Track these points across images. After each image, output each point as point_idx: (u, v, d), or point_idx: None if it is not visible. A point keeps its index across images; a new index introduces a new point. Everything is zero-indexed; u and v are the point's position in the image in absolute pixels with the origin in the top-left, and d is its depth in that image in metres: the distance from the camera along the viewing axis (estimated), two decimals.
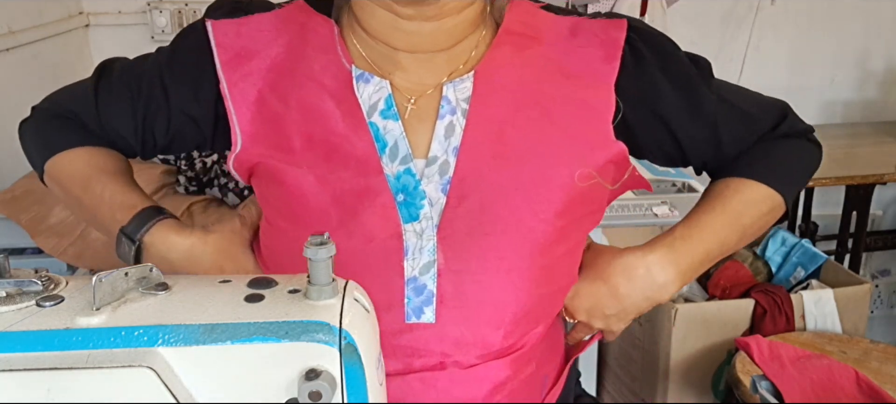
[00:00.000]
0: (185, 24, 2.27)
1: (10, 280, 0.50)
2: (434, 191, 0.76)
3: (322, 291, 0.50)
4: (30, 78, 1.96)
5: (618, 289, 0.84)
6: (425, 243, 0.75)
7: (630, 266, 0.85)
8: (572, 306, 0.86)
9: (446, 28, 0.78)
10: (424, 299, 0.75)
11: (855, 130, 2.66)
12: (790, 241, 2.25)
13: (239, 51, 0.81)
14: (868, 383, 1.58)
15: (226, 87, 0.80)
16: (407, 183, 0.76)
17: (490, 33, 0.83)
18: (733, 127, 0.86)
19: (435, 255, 0.75)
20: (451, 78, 0.79)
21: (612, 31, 0.82)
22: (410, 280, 0.75)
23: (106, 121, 0.87)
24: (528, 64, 0.80)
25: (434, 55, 0.79)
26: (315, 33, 0.81)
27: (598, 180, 0.79)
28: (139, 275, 0.52)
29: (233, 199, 1.68)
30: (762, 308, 1.91)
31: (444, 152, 0.77)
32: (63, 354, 0.46)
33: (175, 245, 0.81)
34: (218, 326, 0.48)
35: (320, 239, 0.51)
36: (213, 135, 0.86)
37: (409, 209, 0.76)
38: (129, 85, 0.86)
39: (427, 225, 0.76)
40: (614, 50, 0.81)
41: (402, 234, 0.75)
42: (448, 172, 0.76)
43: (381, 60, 0.80)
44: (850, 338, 1.86)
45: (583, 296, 0.85)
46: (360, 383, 0.49)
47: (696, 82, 0.85)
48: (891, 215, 2.91)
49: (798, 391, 1.58)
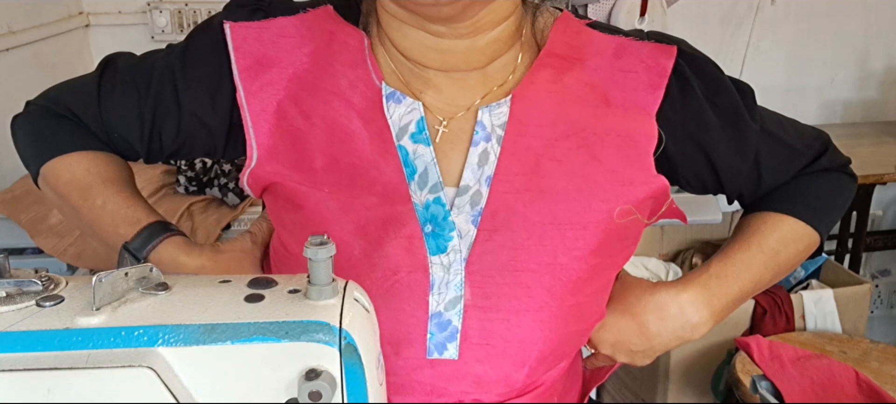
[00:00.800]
0: (185, 25, 2.28)
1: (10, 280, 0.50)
2: (464, 222, 0.71)
3: (322, 291, 0.50)
4: (30, 78, 1.96)
5: (647, 327, 0.81)
6: (452, 277, 0.71)
7: (662, 304, 0.81)
8: (597, 338, 0.82)
9: (480, 45, 0.73)
10: (448, 335, 0.72)
11: (855, 130, 2.66)
12: None
13: (259, 57, 0.74)
14: (868, 383, 1.59)
15: (243, 97, 0.74)
16: (436, 213, 0.72)
17: (529, 54, 0.77)
18: (775, 161, 0.83)
19: (462, 291, 0.71)
20: (487, 101, 0.74)
21: (660, 59, 0.77)
22: (435, 315, 0.71)
23: (109, 121, 0.79)
24: (568, 90, 0.75)
25: (468, 75, 0.74)
26: (344, 45, 0.75)
27: (636, 216, 0.74)
28: (139, 275, 0.52)
29: (232, 199, 1.68)
30: (762, 308, 1.91)
31: (477, 182, 0.72)
32: (63, 354, 0.46)
33: (183, 266, 0.76)
34: (218, 326, 0.48)
35: (320, 239, 0.50)
36: (225, 144, 0.80)
37: (437, 241, 0.71)
38: (137, 83, 0.79)
39: (455, 258, 0.71)
40: (660, 78, 0.76)
41: (429, 268, 0.71)
42: (480, 203, 0.72)
43: (412, 78, 0.75)
44: (850, 338, 1.86)
45: (609, 329, 0.82)
46: (360, 383, 0.49)
47: (741, 114, 0.80)
48: (891, 215, 2.91)
49: (798, 391, 1.59)
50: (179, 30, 2.27)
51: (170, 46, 0.81)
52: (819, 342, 1.83)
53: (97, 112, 0.79)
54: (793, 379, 1.62)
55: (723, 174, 0.82)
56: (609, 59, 0.76)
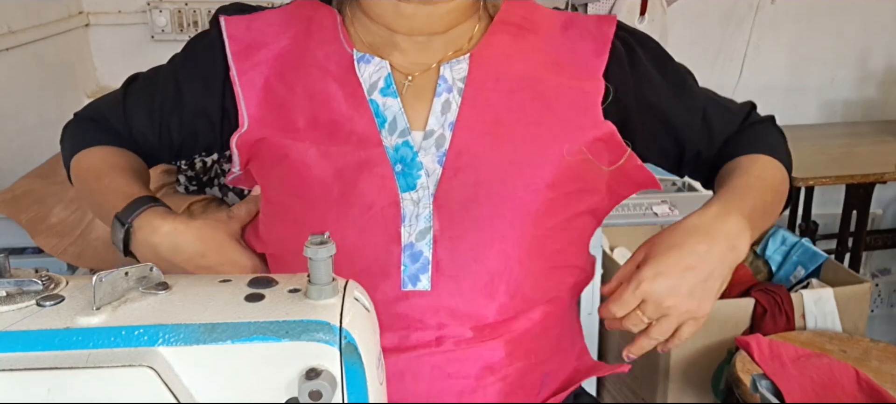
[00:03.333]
0: (184, 24, 2.29)
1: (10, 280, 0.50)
2: (431, 162, 0.80)
3: (322, 291, 0.50)
4: (30, 77, 1.96)
5: (696, 249, 0.77)
6: (422, 210, 0.79)
7: (697, 225, 0.79)
8: (651, 294, 0.77)
9: (441, 12, 0.84)
10: (420, 266, 0.78)
11: (855, 129, 2.66)
12: (790, 240, 2.25)
13: (249, 43, 0.87)
14: (868, 382, 1.59)
15: (235, 75, 0.85)
16: (405, 154, 0.81)
17: (485, 23, 0.88)
18: (721, 116, 0.93)
19: (431, 222, 0.79)
20: (448, 59, 0.84)
21: (603, 27, 0.88)
22: (407, 246, 0.78)
23: (130, 121, 0.94)
24: (521, 52, 0.85)
25: (431, 38, 0.85)
26: (320, 25, 0.87)
27: (587, 156, 0.82)
28: (139, 274, 0.52)
29: (233, 199, 1.68)
30: (762, 307, 1.91)
31: (441, 127, 0.82)
32: (63, 354, 0.46)
33: (157, 228, 0.82)
34: (218, 326, 0.48)
35: (320, 238, 0.51)
36: (221, 131, 0.92)
37: (406, 178, 0.80)
38: (150, 87, 0.94)
39: (423, 194, 0.80)
40: (604, 44, 0.86)
41: (400, 202, 0.79)
42: (444, 145, 0.81)
43: (381, 43, 0.86)
44: (850, 337, 1.86)
45: (656, 276, 0.76)
46: (361, 382, 0.49)
47: (685, 78, 0.92)
48: (891, 214, 2.91)
49: (798, 390, 1.59)
50: (179, 29, 2.27)
51: (174, 55, 0.96)
52: (819, 341, 1.83)
53: (122, 114, 0.94)
54: (793, 379, 1.61)
55: (679, 132, 0.91)
56: (558, 31, 0.88)
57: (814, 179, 2.13)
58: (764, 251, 2.29)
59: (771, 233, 2.32)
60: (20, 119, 1.89)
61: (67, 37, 2.16)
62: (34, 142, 1.92)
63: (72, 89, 2.19)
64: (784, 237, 2.28)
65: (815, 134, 2.57)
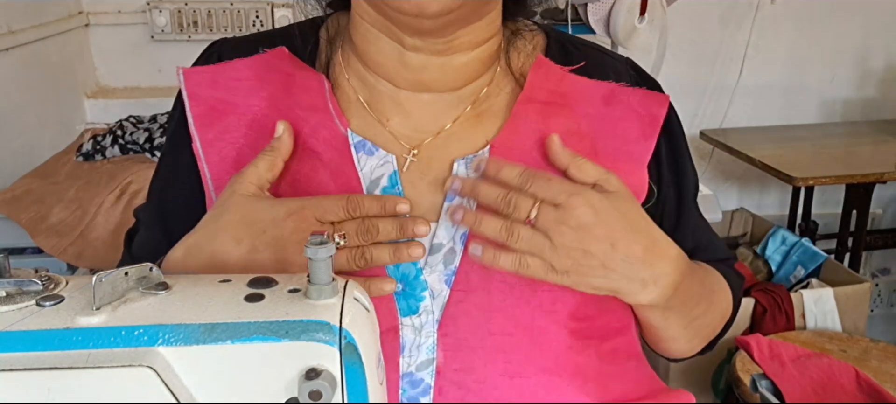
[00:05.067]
0: (184, 24, 2.29)
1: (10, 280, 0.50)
2: (437, 282, 0.67)
3: (322, 291, 0.50)
4: (30, 77, 1.96)
5: (633, 248, 0.65)
6: (424, 340, 0.66)
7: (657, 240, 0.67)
8: (568, 211, 0.63)
9: (455, 65, 0.69)
10: (421, 391, 0.67)
11: (854, 129, 2.66)
12: (790, 240, 2.25)
13: (214, 104, 0.70)
14: (868, 382, 1.59)
15: (199, 147, 0.69)
16: (407, 272, 0.67)
17: (506, 81, 0.73)
18: (711, 237, 0.82)
19: (434, 353, 0.66)
20: (465, 154, 0.69)
21: (652, 107, 0.73)
22: (406, 375, 0.67)
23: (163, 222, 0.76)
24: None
25: (440, 96, 0.71)
26: (304, 89, 0.71)
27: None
28: (139, 274, 0.52)
29: None
30: (762, 307, 1.91)
31: (451, 240, 0.67)
32: (63, 354, 0.46)
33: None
34: (218, 326, 0.48)
35: (320, 238, 0.50)
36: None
37: (408, 301, 0.67)
38: (156, 181, 0.77)
39: (427, 319, 0.66)
40: (652, 128, 0.72)
41: (399, 329, 0.66)
42: (454, 262, 0.67)
43: (380, 100, 0.71)
44: (850, 337, 1.87)
45: (588, 208, 0.63)
46: (361, 383, 0.49)
47: (697, 184, 0.81)
48: (891, 214, 2.91)
49: (798, 390, 1.59)
50: (179, 29, 2.27)
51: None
52: (819, 341, 1.83)
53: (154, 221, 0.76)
54: (793, 378, 1.62)
55: (682, 228, 0.77)
56: (598, 107, 0.72)
57: (814, 179, 2.13)
58: (764, 251, 2.29)
59: (771, 234, 2.32)
60: (20, 119, 1.89)
61: (67, 37, 2.16)
62: (34, 142, 1.92)
63: (72, 89, 2.19)
64: (784, 237, 2.28)
65: (814, 134, 2.58)
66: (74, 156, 1.83)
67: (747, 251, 2.30)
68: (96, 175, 1.72)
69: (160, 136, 1.82)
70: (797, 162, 2.20)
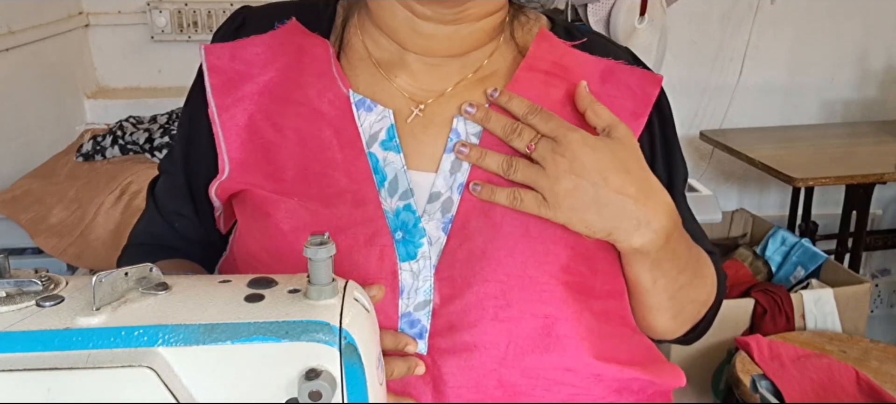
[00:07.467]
0: (184, 25, 2.29)
1: (10, 280, 0.50)
2: (434, 229, 0.71)
3: (322, 291, 0.50)
4: (30, 78, 1.96)
5: (628, 189, 0.68)
6: (422, 283, 0.71)
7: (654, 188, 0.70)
8: (567, 146, 0.68)
9: (462, 34, 0.75)
10: (417, 332, 0.71)
11: (855, 129, 2.66)
12: (790, 241, 2.25)
13: (232, 75, 0.76)
14: (868, 382, 1.59)
15: (215, 111, 0.75)
16: (406, 220, 0.71)
17: (509, 51, 0.78)
18: (696, 234, 0.82)
19: (431, 295, 0.71)
20: (459, 89, 0.75)
21: (647, 87, 0.77)
22: (404, 315, 0.71)
23: (168, 219, 0.84)
24: (548, 105, 0.73)
25: (446, 61, 0.76)
26: (312, 56, 0.76)
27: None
28: (139, 275, 0.52)
29: None
30: (762, 307, 1.91)
31: (449, 189, 0.72)
32: (63, 354, 0.46)
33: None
34: (218, 326, 0.48)
35: (320, 238, 0.51)
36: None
37: (407, 247, 0.71)
38: (168, 165, 0.85)
39: (425, 264, 0.71)
40: (644, 107, 0.76)
41: (398, 273, 0.70)
42: (451, 210, 0.71)
43: (389, 60, 0.76)
44: (850, 338, 1.87)
45: (586, 147, 0.68)
46: (360, 383, 0.49)
47: (686, 175, 0.83)
48: (891, 214, 2.91)
49: (798, 390, 1.59)
50: (179, 30, 2.27)
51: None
52: (819, 341, 1.83)
53: (159, 218, 0.85)
54: (793, 379, 1.62)
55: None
56: (596, 81, 0.75)
57: (814, 179, 2.13)
58: (764, 251, 2.29)
59: (771, 234, 2.32)
60: (20, 119, 1.89)
61: (67, 37, 2.16)
62: (34, 142, 1.92)
63: (72, 89, 2.19)
64: (784, 237, 2.28)
65: (815, 134, 2.58)
66: (74, 157, 1.83)
67: (747, 251, 2.30)
68: (96, 175, 1.72)
69: (160, 137, 1.82)
70: (797, 162, 2.20)
